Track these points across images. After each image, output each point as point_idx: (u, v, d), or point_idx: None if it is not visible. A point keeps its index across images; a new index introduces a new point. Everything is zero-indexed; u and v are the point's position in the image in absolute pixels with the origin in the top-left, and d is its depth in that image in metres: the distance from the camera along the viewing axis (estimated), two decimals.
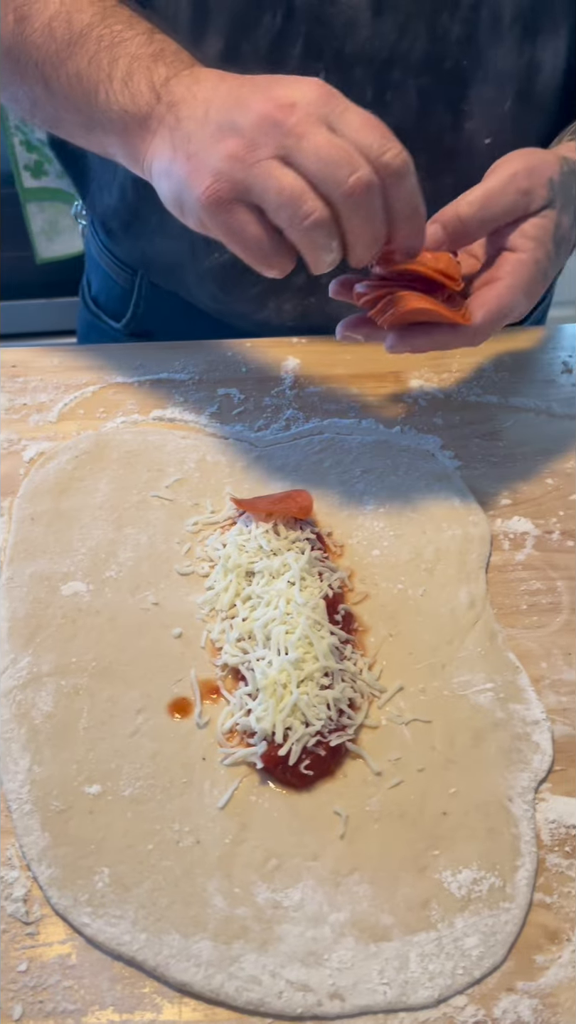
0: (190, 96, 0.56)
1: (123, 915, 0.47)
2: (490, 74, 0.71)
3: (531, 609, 0.64)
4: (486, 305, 0.61)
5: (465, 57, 0.70)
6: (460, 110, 0.72)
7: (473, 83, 0.71)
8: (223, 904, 0.47)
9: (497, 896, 0.48)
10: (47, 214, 2.11)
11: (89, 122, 0.62)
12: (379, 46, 0.68)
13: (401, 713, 0.56)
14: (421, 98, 0.71)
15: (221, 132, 0.53)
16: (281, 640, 0.56)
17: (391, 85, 0.70)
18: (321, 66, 0.69)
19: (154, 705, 0.56)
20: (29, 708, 0.55)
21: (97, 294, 1.02)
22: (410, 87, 0.71)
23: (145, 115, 0.58)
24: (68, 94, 0.62)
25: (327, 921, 0.47)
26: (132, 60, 0.59)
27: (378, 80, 0.70)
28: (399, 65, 0.69)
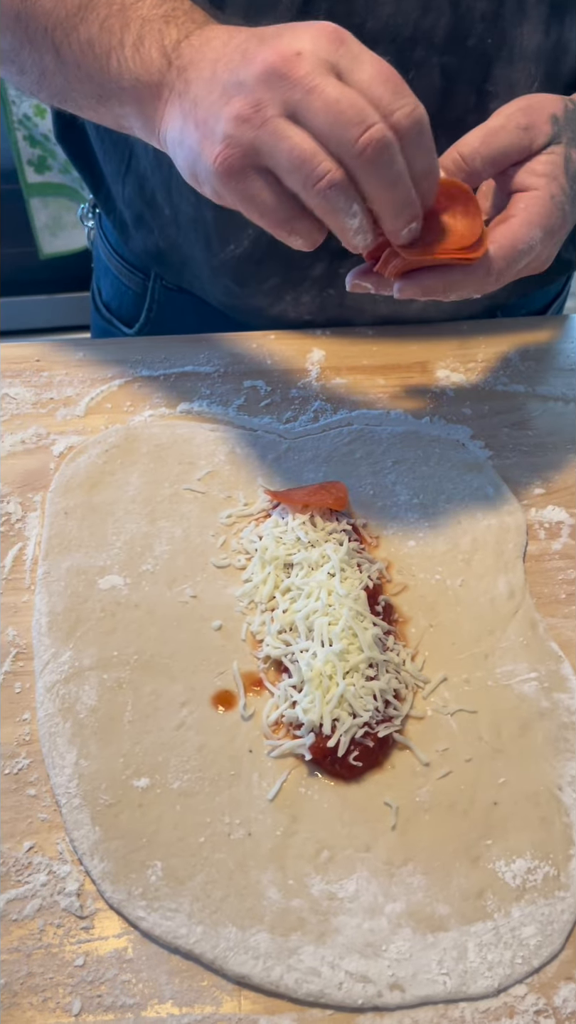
0: (199, 57, 0.54)
1: (178, 908, 0.47)
2: (515, 54, 0.70)
3: (570, 598, 0.63)
4: (498, 240, 0.58)
5: (490, 35, 0.68)
6: (484, 90, 0.71)
7: (498, 62, 0.70)
8: (278, 896, 0.47)
9: (552, 885, 0.48)
10: (50, 209, 2.11)
11: (102, 92, 0.60)
12: (402, 23, 0.67)
13: (446, 704, 0.56)
14: (445, 77, 0.70)
15: (227, 92, 0.51)
16: (324, 631, 0.55)
17: (414, 63, 0.69)
18: None
19: (198, 698, 0.56)
20: (73, 702, 0.55)
21: (109, 300, 1.01)
22: (433, 66, 0.69)
23: (157, 82, 0.55)
24: (80, 62, 0.59)
25: (383, 912, 0.47)
26: (143, 23, 0.57)
27: (401, 58, 0.68)
28: (422, 43, 0.68)
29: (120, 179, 0.86)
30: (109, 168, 0.87)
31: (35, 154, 2.03)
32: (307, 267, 0.81)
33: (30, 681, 0.57)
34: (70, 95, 0.63)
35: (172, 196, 0.81)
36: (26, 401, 0.77)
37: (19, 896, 0.47)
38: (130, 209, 0.88)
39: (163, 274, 0.92)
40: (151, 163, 0.81)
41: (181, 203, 0.80)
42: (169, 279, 0.92)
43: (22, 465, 0.71)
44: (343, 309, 0.85)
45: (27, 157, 2.02)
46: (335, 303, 0.85)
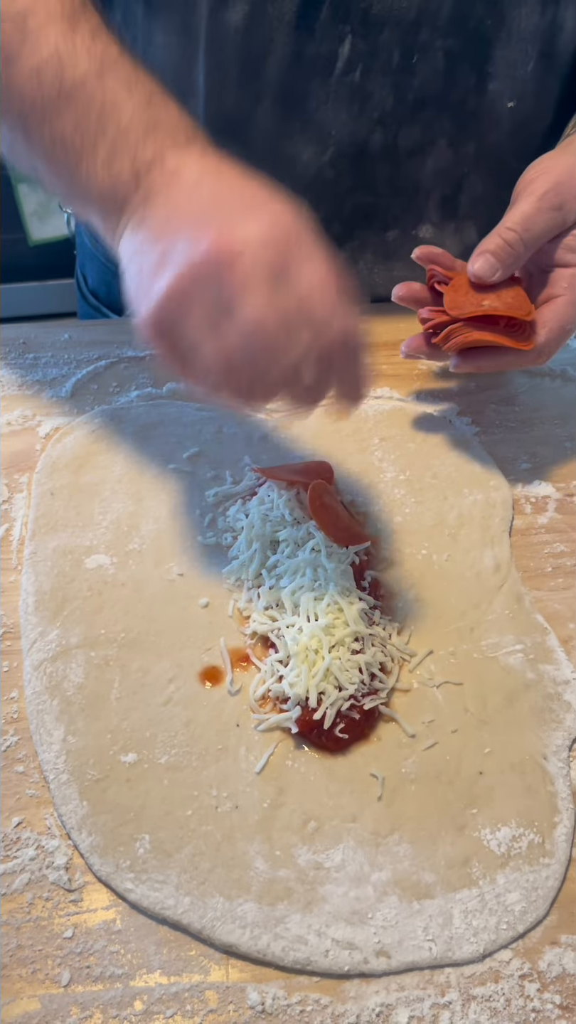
0: (163, 193, 0.50)
1: (166, 880, 0.47)
2: (513, 34, 0.70)
3: (556, 571, 0.64)
4: (548, 324, 0.63)
5: (490, 16, 0.69)
6: (485, 72, 0.72)
7: (497, 43, 0.70)
8: (265, 867, 0.47)
9: (537, 852, 0.49)
10: (39, 195, 2.09)
11: (68, 191, 0.55)
12: (406, 7, 0.67)
13: (432, 676, 0.56)
14: (447, 60, 0.70)
15: (166, 260, 0.47)
16: (310, 607, 0.56)
17: (418, 47, 0.69)
18: (348, 29, 0.68)
19: (185, 674, 0.56)
20: (60, 680, 0.55)
21: (96, 287, 1.00)
22: (437, 49, 0.70)
23: (123, 200, 0.51)
24: (49, 157, 0.54)
25: (369, 881, 0.47)
26: (119, 134, 0.51)
27: (405, 42, 0.69)
28: (426, 26, 0.68)
29: None
30: None
31: None
32: None
33: (17, 660, 0.57)
34: (39, 178, 0.58)
35: None
36: (11, 383, 0.76)
37: (8, 871, 0.48)
38: None
39: None
40: None
41: None
42: None
43: (8, 446, 0.71)
44: None
45: None
46: None
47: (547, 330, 0.64)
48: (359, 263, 0.83)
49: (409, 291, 0.70)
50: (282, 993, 0.44)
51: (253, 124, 0.73)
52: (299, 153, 0.75)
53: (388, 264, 0.83)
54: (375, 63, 0.69)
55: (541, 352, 0.64)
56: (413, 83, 0.71)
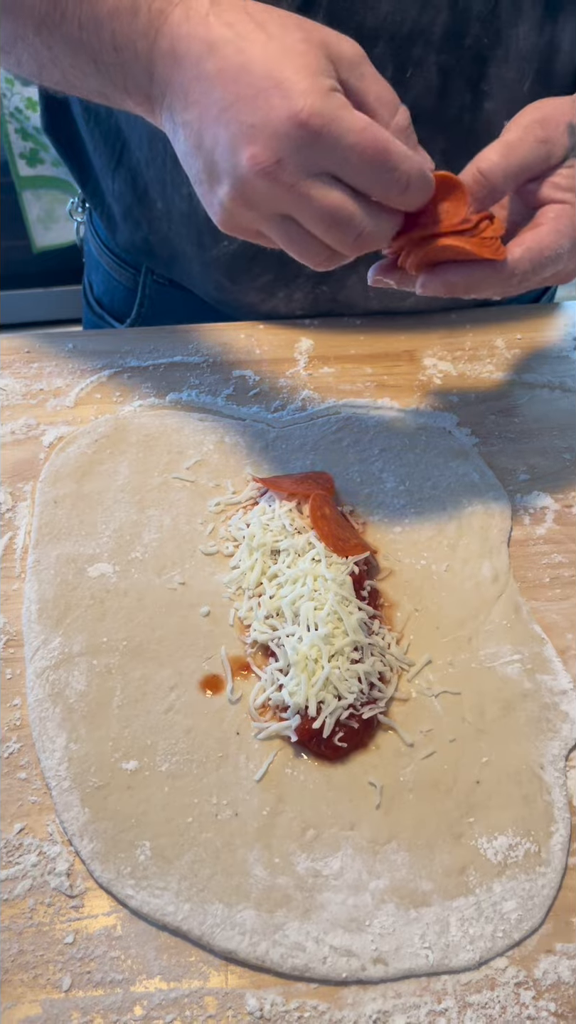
0: (178, 85, 0.53)
1: (166, 887, 0.47)
2: (511, 53, 0.70)
3: (554, 582, 0.64)
4: (525, 243, 0.58)
5: (486, 34, 0.69)
6: (480, 90, 0.72)
7: (493, 61, 0.71)
8: (264, 874, 0.48)
9: (533, 861, 0.49)
10: (43, 202, 2.11)
11: (101, 91, 0.58)
12: (400, 20, 0.67)
13: (430, 686, 0.57)
14: (441, 76, 0.71)
15: (217, 175, 0.52)
16: (310, 616, 0.56)
17: (412, 62, 0.70)
18: None
19: (186, 682, 0.57)
20: (63, 687, 0.56)
21: (100, 295, 1.01)
22: (431, 64, 0.70)
23: (146, 94, 0.55)
24: (71, 61, 0.58)
25: (367, 888, 0.48)
26: (114, 20, 0.54)
27: (399, 56, 0.69)
28: (420, 41, 0.69)
29: (110, 172, 0.86)
30: (99, 161, 0.87)
31: (27, 147, 2.03)
32: (301, 264, 0.82)
33: (20, 667, 0.57)
34: (73, 89, 0.62)
35: (166, 190, 0.81)
36: (16, 392, 0.77)
37: (10, 876, 0.48)
38: (119, 203, 0.88)
39: (153, 267, 0.92)
40: (145, 156, 0.81)
41: (175, 198, 0.80)
42: (159, 273, 0.92)
43: (12, 455, 0.72)
44: (335, 304, 0.86)
45: (19, 150, 2.02)
46: (327, 298, 0.85)
47: (523, 248, 0.58)
48: (352, 276, 0.84)
49: (384, 269, 0.63)
50: (280, 999, 0.45)
51: None
52: None
53: None
54: None
55: (515, 271, 0.58)
56: (407, 98, 0.71)
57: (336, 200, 0.50)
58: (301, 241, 0.53)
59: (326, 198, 0.50)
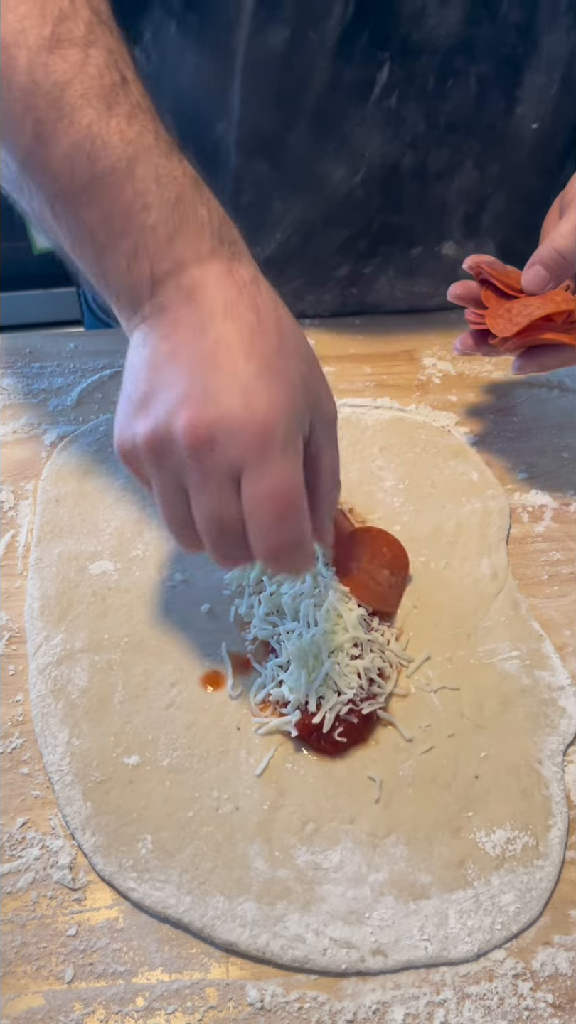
0: (171, 320, 0.48)
1: (168, 879, 0.48)
2: (543, 59, 0.72)
3: (552, 579, 0.65)
4: None
5: (523, 43, 0.71)
6: (514, 96, 0.73)
7: (527, 69, 0.72)
8: (264, 867, 0.48)
9: (531, 854, 0.50)
10: None
11: (90, 272, 0.53)
12: (444, 34, 0.69)
13: (429, 682, 0.57)
14: (480, 86, 0.72)
15: (148, 407, 0.47)
16: (310, 613, 0.57)
17: (453, 73, 0.71)
18: (387, 55, 0.69)
19: (187, 678, 0.57)
20: (65, 683, 0.56)
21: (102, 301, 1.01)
22: (470, 75, 0.71)
23: (137, 304, 0.50)
24: (74, 242, 0.52)
25: (367, 881, 0.48)
26: (143, 237, 0.49)
27: (441, 69, 0.71)
28: (462, 53, 0.70)
29: None
30: None
31: None
32: (334, 267, 0.83)
33: (23, 663, 0.58)
34: (64, 254, 0.56)
35: None
36: (18, 392, 0.78)
37: (13, 870, 0.49)
38: None
39: None
40: None
41: None
42: None
43: (14, 454, 0.72)
44: (364, 306, 0.87)
45: None
46: (356, 301, 0.87)
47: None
48: (381, 278, 0.84)
49: (466, 289, 0.68)
50: (281, 990, 0.45)
51: (286, 145, 0.74)
52: (331, 173, 0.76)
53: (410, 280, 0.85)
54: (411, 88, 0.71)
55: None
56: (446, 107, 0.72)
57: (229, 510, 0.46)
58: (177, 514, 0.49)
59: (222, 501, 0.46)
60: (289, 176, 0.76)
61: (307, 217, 0.78)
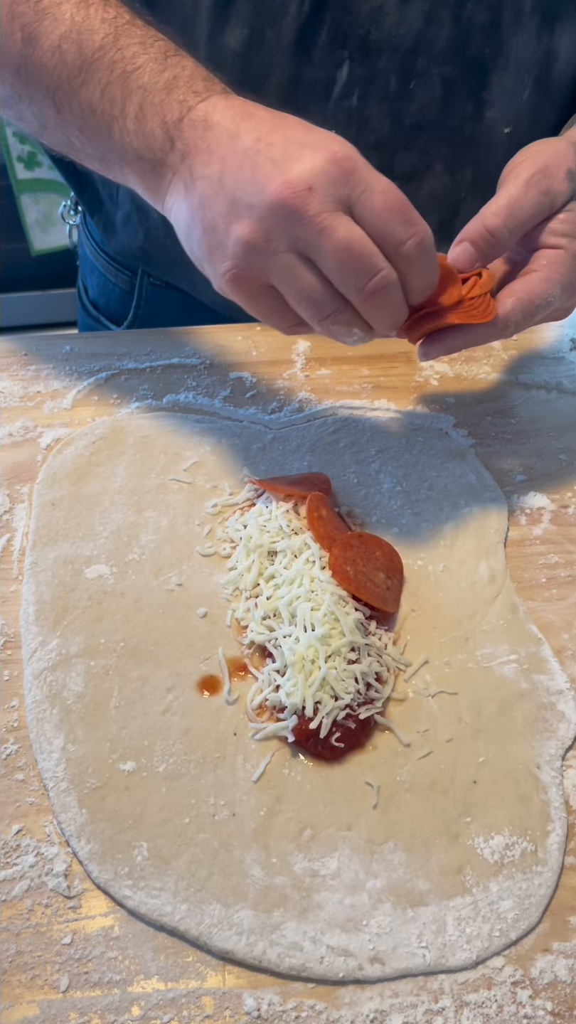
0: (203, 147, 0.53)
1: (163, 887, 0.48)
2: (511, 62, 0.71)
3: (550, 582, 0.64)
4: (515, 294, 0.60)
5: (488, 45, 0.70)
6: (482, 99, 0.73)
7: (494, 71, 0.71)
8: (261, 874, 0.48)
9: (530, 860, 0.49)
10: (41, 205, 2.11)
11: (104, 156, 0.59)
12: (404, 34, 0.68)
13: (427, 686, 0.57)
14: (444, 87, 0.71)
15: (236, 209, 0.51)
16: (307, 617, 0.56)
17: (415, 74, 0.70)
18: (346, 54, 0.69)
19: (183, 683, 0.57)
20: (60, 689, 0.56)
21: (96, 298, 1.01)
22: (434, 76, 0.71)
23: (160, 161, 0.55)
24: (81, 125, 0.58)
25: (364, 888, 0.48)
26: (145, 93, 0.55)
27: (403, 69, 0.70)
28: (424, 53, 0.69)
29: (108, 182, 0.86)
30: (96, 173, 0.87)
31: (25, 150, 2.03)
32: None
33: (18, 669, 0.58)
34: (72, 150, 0.62)
35: None
36: (13, 394, 0.77)
37: (8, 877, 0.48)
38: (120, 209, 0.88)
39: (151, 271, 0.92)
40: None
41: None
42: (157, 276, 0.92)
43: (10, 457, 0.72)
44: None
45: (16, 153, 2.03)
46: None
47: (514, 299, 0.60)
48: None
49: None
50: (278, 999, 0.45)
51: None
52: None
53: None
54: (372, 88, 0.70)
55: (507, 324, 0.60)
56: (410, 109, 0.72)
57: (357, 234, 0.50)
58: (311, 286, 0.52)
59: (348, 229, 0.50)
60: None
61: None
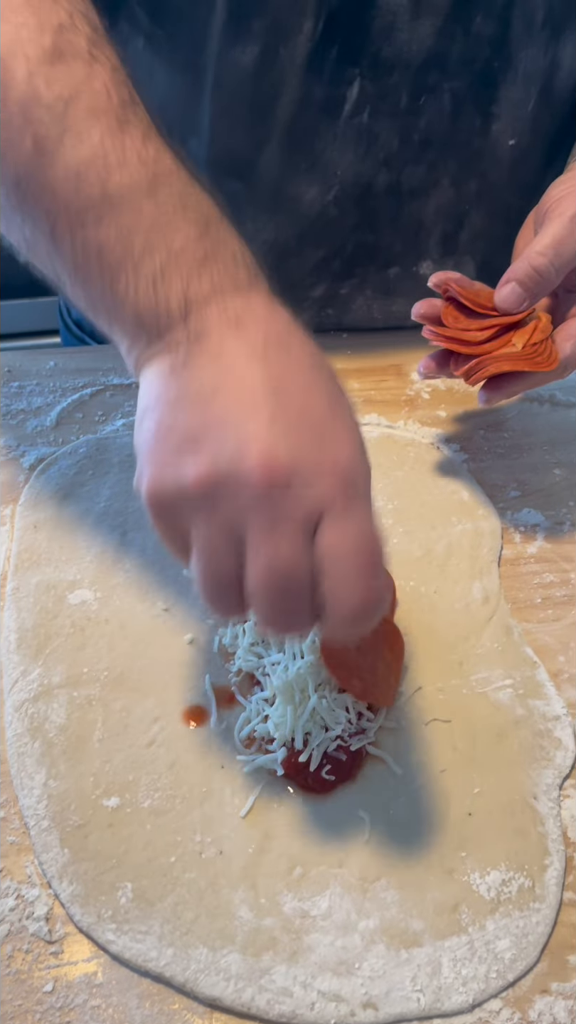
0: (215, 344, 0.42)
1: (148, 930, 0.46)
2: (519, 75, 0.70)
3: (546, 602, 0.63)
4: (573, 338, 0.62)
5: (497, 58, 0.69)
6: (489, 112, 0.72)
7: (503, 84, 0.70)
8: (250, 916, 0.46)
9: (527, 897, 0.48)
10: None
11: (93, 304, 0.48)
12: (416, 50, 0.67)
13: (420, 713, 0.56)
14: (454, 102, 0.70)
15: (202, 446, 0.40)
16: (296, 644, 0.55)
17: (426, 89, 0.69)
18: (357, 72, 0.67)
19: (169, 714, 0.55)
20: (42, 721, 0.54)
21: (79, 317, 0.99)
22: (444, 91, 0.70)
23: (162, 328, 0.44)
24: (80, 265, 0.46)
25: (356, 929, 0.46)
26: (172, 256, 0.44)
27: (414, 85, 0.69)
28: (435, 68, 0.68)
29: None
30: None
31: None
32: (309, 287, 0.81)
33: None
34: (57, 281, 0.50)
35: None
36: None
37: None
38: None
39: None
40: None
41: None
42: None
43: None
44: (341, 326, 0.85)
45: None
46: (333, 322, 0.85)
47: (572, 343, 0.62)
48: (358, 299, 0.83)
49: (431, 308, 0.65)
50: None
51: (258, 163, 0.73)
52: (303, 192, 0.74)
53: (388, 300, 0.83)
54: (383, 105, 0.69)
55: (567, 367, 0.63)
56: (419, 124, 0.71)
57: (301, 563, 0.40)
58: (222, 572, 0.41)
59: (296, 552, 0.40)
60: (261, 195, 0.74)
61: (280, 237, 0.77)
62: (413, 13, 0.65)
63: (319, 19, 0.64)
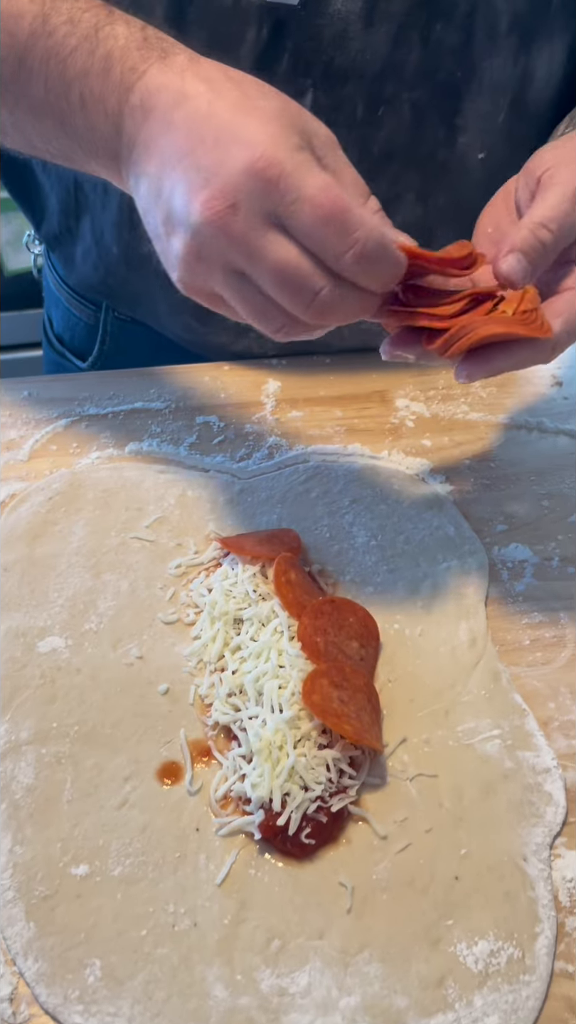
0: (143, 141, 0.50)
1: (118, 1012, 0.43)
2: (485, 85, 0.67)
3: (534, 644, 0.61)
4: (561, 313, 0.54)
5: (460, 68, 0.66)
6: (454, 124, 0.69)
7: (467, 95, 0.67)
8: (224, 994, 0.44)
9: (516, 968, 0.45)
10: (12, 225, 2.06)
11: (68, 155, 0.56)
12: (371, 58, 0.64)
13: (405, 768, 0.53)
14: (415, 113, 0.67)
15: (172, 223, 0.48)
16: (274, 696, 0.52)
17: (383, 100, 0.66)
18: (309, 82, 0.65)
19: (142, 771, 0.53)
20: (8, 781, 0.51)
21: (61, 332, 0.97)
22: (403, 101, 0.67)
23: (114, 153, 0.52)
24: (35, 125, 0.56)
25: (337, 1007, 0.44)
26: (83, 81, 0.52)
27: (370, 95, 0.66)
28: (392, 78, 0.65)
29: (66, 215, 0.83)
30: (54, 203, 0.83)
31: None
32: None
33: None
34: (36, 151, 0.59)
35: (122, 235, 0.78)
36: None
37: None
38: (79, 244, 0.84)
39: (115, 306, 0.88)
40: (100, 200, 0.77)
41: (134, 241, 0.77)
42: (122, 311, 0.88)
43: None
44: (310, 345, 0.82)
45: None
46: (302, 340, 0.82)
47: (562, 319, 0.53)
48: None
49: (400, 341, 0.56)
50: None
51: None
52: None
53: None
54: (338, 116, 0.66)
55: (555, 345, 0.54)
56: (379, 136, 0.68)
57: (288, 255, 0.47)
58: (256, 302, 0.49)
59: (278, 252, 0.46)
60: None
61: None
62: (366, 21, 0.63)
63: (262, 27, 0.62)
